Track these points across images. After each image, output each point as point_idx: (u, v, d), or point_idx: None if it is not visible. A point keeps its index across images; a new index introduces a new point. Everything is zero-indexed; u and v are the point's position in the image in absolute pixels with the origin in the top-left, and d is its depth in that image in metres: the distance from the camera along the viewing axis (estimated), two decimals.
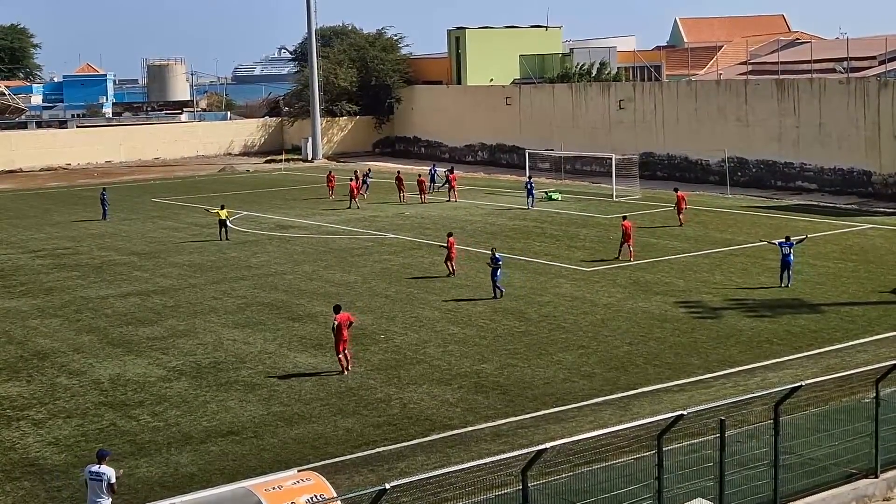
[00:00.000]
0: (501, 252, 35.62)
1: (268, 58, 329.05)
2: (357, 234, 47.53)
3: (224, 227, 46.94)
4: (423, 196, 57.96)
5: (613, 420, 21.63)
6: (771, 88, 60.66)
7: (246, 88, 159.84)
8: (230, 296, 35.45)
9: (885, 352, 26.03)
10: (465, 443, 21.19)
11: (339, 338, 25.89)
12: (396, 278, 37.32)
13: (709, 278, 35.92)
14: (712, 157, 62.92)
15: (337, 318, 26.00)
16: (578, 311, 31.72)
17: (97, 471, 16.64)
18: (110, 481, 16.60)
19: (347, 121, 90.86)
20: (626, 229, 39.61)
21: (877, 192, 54.84)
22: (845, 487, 17.57)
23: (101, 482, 16.58)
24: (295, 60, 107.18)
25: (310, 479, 15.02)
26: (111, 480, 16.61)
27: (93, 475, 16.66)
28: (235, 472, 19.84)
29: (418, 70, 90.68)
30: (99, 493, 16.60)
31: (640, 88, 70.12)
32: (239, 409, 23.72)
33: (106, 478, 16.58)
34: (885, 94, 54.61)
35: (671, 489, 16.16)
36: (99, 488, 16.58)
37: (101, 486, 16.57)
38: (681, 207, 46.59)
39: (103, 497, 16.60)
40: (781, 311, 30.96)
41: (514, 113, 77.94)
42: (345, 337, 25.90)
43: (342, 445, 21.31)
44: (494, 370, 26.06)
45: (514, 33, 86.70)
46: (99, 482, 16.59)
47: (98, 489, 16.59)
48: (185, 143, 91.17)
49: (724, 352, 27.12)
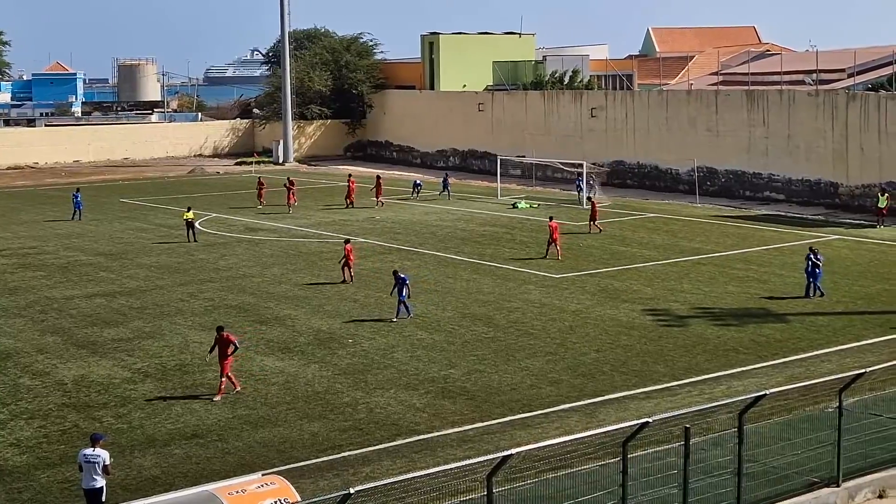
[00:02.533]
0: (472, 257, 35.64)
1: (240, 59, 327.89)
2: (327, 238, 47.41)
3: (192, 229, 46.68)
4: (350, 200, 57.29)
5: (579, 427, 21.65)
6: (741, 99, 61.12)
7: (217, 90, 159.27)
8: (197, 298, 35.25)
9: (849, 362, 26.25)
10: (431, 448, 21.16)
11: (223, 359, 24.48)
12: (365, 283, 37.24)
13: (676, 287, 36.11)
14: (682, 167, 63.30)
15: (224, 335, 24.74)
16: (546, 318, 31.78)
17: (92, 453, 17.50)
18: (105, 463, 17.50)
19: (319, 124, 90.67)
20: (553, 230, 40.88)
21: (843, 204, 55.36)
22: (807, 496, 17.67)
23: (96, 464, 17.45)
24: (267, 63, 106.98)
25: (274, 483, 14.93)
26: (106, 462, 17.52)
27: (88, 458, 17.50)
28: (199, 475, 19.72)
29: (391, 74, 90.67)
30: (94, 475, 17.47)
31: (612, 97, 70.44)
32: (204, 412, 23.57)
33: (101, 460, 17.48)
34: (852, 106, 55.15)
35: (635, 496, 16.21)
36: (93, 470, 17.46)
37: (96, 467, 17.44)
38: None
39: (98, 478, 17.48)
40: (747, 321, 31.17)
41: (486, 119, 78.06)
42: (228, 359, 24.50)
43: (308, 449, 21.22)
44: (462, 375, 26.05)
45: (488, 39, 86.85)
46: (94, 464, 17.45)
47: (92, 471, 17.47)
48: (154, 144, 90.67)
49: (691, 360, 27.26)
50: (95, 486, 17.51)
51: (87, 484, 17.57)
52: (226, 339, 24.78)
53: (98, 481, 17.49)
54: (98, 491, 17.52)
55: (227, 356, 24.60)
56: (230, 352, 24.67)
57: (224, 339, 24.77)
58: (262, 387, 25.41)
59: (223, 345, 24.74)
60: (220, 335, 24.92)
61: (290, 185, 57.11)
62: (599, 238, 46.43)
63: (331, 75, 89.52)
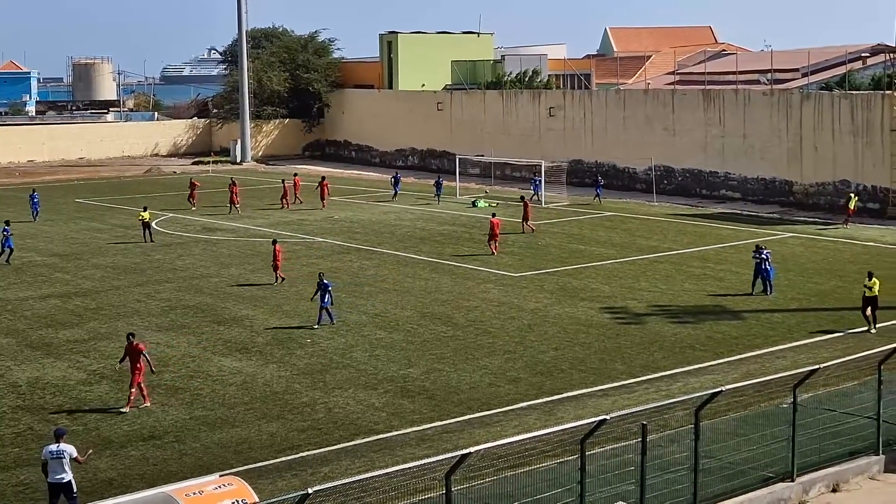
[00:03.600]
0: (431, 257, 35.66)
1: (197, 58, 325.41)
2: (285, 238, 47.18)
3: (148, 229, 46.27)
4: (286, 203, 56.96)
5: (538, 424, 21.74)
6: (697, 99, 61.62)
7: (174, 89, 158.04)
8: (154, 298, 34.96)
9: (803, 358, 26.56)
10: (389, 447, 21.15)
11: (134, 368, 23.54)
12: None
13: (634, 285, 36.35)
14: (639, 166, 63.71)
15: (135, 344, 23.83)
16: (505, 317, 31.87)
17: (57, 449, 17.65)
18: (72, 456, 17.68)
19: (276, 124, 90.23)
20: (494, 226, 41.62)
21: (798, 202, 55.98)
22: (762, 491, 17.86)
23: (62, 459, 17.62)
24: (225, 62, 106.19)
25: (232, 484, 14.85)
26: (73, 455, 17.68)
27: (53, 454, 17.64)
28: (156, 477, 19.57)
29: (350, 74, 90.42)
30: (60, 471, 17.63)
31: (570, 96, 70.74)
32: (161, 413, 23.39)
33: (67, 454, 17.64)
34: (806, 105, 55.80)
35: (593, 493, 16.29)
36: (59, 465, 17.63)
37: (63, 463, 17.63)
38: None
39: (65, 473, 17.66)
40: (704, 318, 31.45)
41: (445, 118, 78.10)
42: (140, 368, 23.58)
43: (266, 450, 21.13)
44: (421, 374, 26.06)
45: (447, 39, 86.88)
46: (60, 460, 17.62)
47: (58, 466, 17.63)
48: (110, 144, 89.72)
49: (648, 357, 27.45)
50: (63, 481, 17.68)
51: (52, 479, 17.74)
52: (136, 347, 23.72)
53: (66, 476, 17.65)
54: (67, 484, 17.72)
55: (139, 366, 23.55)
56: (140, 362, 23.58)
57: (134, 349, 23.72)
58: (220, 387, 25.26)
59: (134, 354, 23.69)
60: (130, 344, 23.84)
61: (233, 185, 56.42)
62: (558, 237, 46.64)
63: (288, 75, 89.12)
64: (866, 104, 53.39)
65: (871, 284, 29.30)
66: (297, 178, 60.62)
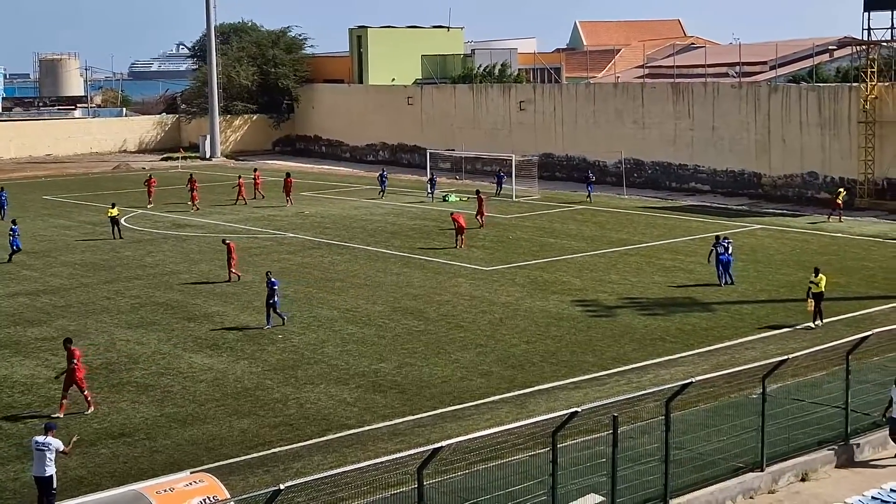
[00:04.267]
0: (403, 251, 35.64)
1: (165, 54, 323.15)
2: (256, 234, 47.04)
3: (116, 226, 45.97)
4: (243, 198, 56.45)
5: (510, 418, 21.79)
6: (666, 92, 61.90)
7: (142, 85, 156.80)
8: (123, 295, 34.74)
9: (773, 349, 26.76)
10: (361, 442, 21.14)
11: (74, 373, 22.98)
12: (295, 278, 37.02)
13: (604, 277, 36.48)
14: (609, 159, 63.93)
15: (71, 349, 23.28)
16: (477, 310, 31.90)
17: (43, 441, 17.92)
18: (58, 449, 17.95)
19: (246, 119, 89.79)
20: (458, 221, 42.09)
21: (766, 194, 56.40)
22: (732, 481, 17.98)
23: (46, 452, 17.83)
24: (193, 57, 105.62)
25: (203, 481, 14.80)
26: (59, 448, 17.96)
27: (38, 445, 17.93)
28: (126, 474, 19.46)
29: (319, 68, 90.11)
30: (44, 462, 17.83)
31: (540, 90, 70.86)
32: (131, 411, 23.26)
33: (52, 447, 17.87)
34: (774, 98, 56.19)
35: (565, 485, 16.34)
36: (41, 458, 17.84)
37: (46, 455, 17.83)
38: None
39: (48, 467, 17.83)
40: (674, 310, 31.62)
41: (415, 113, 78.02)
42: (80, 373, 23.12)
43: (237, 446, 21.06)
44: (392, 369, 26.05)
45: (416, 33, 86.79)
46: (44, 452, 17.84)
47: (42, 458, 17.83)
48: (78, 140, 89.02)
49: (619, 349, 27.57)
50: (45, 475, 17.77)
51: (37, 471, 17.90)
52: (71, 353, 23.24)
53: (48, 469, 17.79)
54: (48, 479, 17.80)
55: (79, 369, 23.08)
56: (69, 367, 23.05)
57: (69, 354, 23.24)
58: (191, 384, 25.14)
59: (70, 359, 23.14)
60: (68, 349, 23.38)
61: (192, 182, 55.92)
62: (529, 230, 46.74)
63: (257, 70, 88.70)
64: (833, 96, 53.84)
65: (818, 280, 29.27)
66: (257, 174, 60.47)
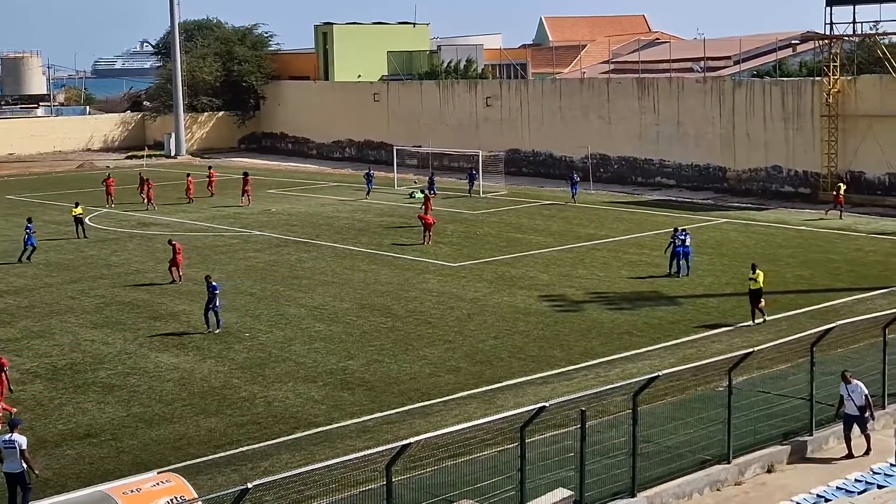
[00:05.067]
0: (370, 248, 35.57)
1: (129, 52, 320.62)
2: (222, 232, 46.79)
3: (81, 225, 45.57)
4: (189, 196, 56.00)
5: (478, 413, 21.81)
6: (632, 87, 62.16)
7: (106, 83, 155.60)
8: (88, 295, 34.44)
9: (738, 342, 26.95)
10: (330, 440, 21.09)
11: None
12: (262, 276, 36.88)
13: (572, 272, 36.60)
14: (576, 154, 64.10)
15: None
16: (445, 307, 31.90)
17: (9, 439, 17.85)
18: (21, 448, 17.77)
19: (210, 116, 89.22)
20: (425, 219, 42.26)
21: (731, 188, 56.80)
22: (699, 473, 18.10)
23: (14, 449, 17.77)
24: (157, 54, 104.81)
25: (170, 481, 14.70)
26: (22, 447, 17.77)
27: (6, 443, 17.87)
28: (92, 475, 19.31)
29: (285, 65, 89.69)
30: (12, 460, 17.81)
31: (507, 86, 70.93)
32: (97, 411, 23.07)
33: (18, 444, 17.75)
34: (738, 93, 56.58)
35: (533, 480, 16.38)
36: (12, 455, 17.82)
37: (15, 453, 17.78)
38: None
39: (16, 462, 17.79)
40: (641, 304, 31.77)
41: (381, 109, 77.88)
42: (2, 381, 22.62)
43: (204, 446, 20.94)
44: (360, 366, 26.00)
45: (382, 30, 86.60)
46: (12, 449, 17.80)
47: (12, 455, 17.82)
48: (41, 139, 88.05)
49: (586, 344, 27.67)
50: (16, 471, 17.81)
51: (7, 468, 17.94)
52: None
53: (16, 466, 17.79)
54: (19, 474, 17.80)
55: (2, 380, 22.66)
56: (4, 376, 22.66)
57: None
58: (157, 384, 24.97)
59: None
60: None
61: (143, 181, 55.40)
62: (496, 226, 46.80)
63: (222, 67, 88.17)
64: (797, 91, 54.29)
65: (756, 276, 29.32)
66: (211, 171, 60.20)
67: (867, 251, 39.70)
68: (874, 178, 51.02)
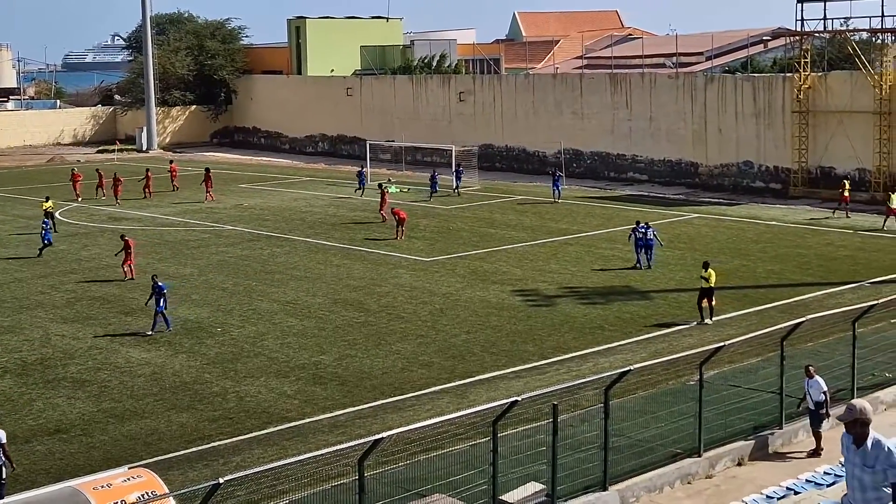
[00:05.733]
0: (343, 243, 35.48)
1: (100, 45, 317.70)
2: (194, 226, 46.56)
3: (51, 219, 45.14)
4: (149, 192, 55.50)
5: (451, 408, 21.83)
6: (605, 83, 62.33)
7: (77, 76, 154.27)
8: (59, 290, 34.20)
9: (709, 336, 27.10)
10: (302, 434, 21.04)
11: None
12: (234, 271, 36.74)
13: (544, 267, 36.68)
14: (549, 149, 64.24)
15: None
16: (417, 301, 31.90)
17: None
18: (1, 441, 17.67)
19: (182, 110, 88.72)
20: (398, 214, 42.23)
21: (703, 183, 57.09)
22: (671, 467, 18.17)
23: None
24: (129, 48, 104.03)
25: (141, 476, 14.62)
26: (2, 441, 17.69)
27: None
28: (63, 471, 19.16)
29: (258, 60, 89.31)
30: None
31: (480, 81, 70.96)
32: (67, 407, 22.92)
33: None
34: (710, 88, 56.86)
35: (505, 474, 16.40)
36: None
37: None
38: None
39: None
40: (613, 298, 31.89)
41: (355, 104, 77.73)
42: None
43: (176, 441, 20.85)
44: (333, 361, 25.96)
45: (355, 24, 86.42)
46: None
47: None
48: (11, 133, 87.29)
49: (559, 338, 27.74)
50: None
51: None
52: None
53: None
54: None
55: None
56: None
57: None
58: (128, 379, 24.83)
59: None
60: None
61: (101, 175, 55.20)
62: (469, 221, 46.83)
63: (194, 61, 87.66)
64: (768, 87, 54.63)
65: (708, 276, 29.03)
66: (173, 166, 59.86)
67: (837, 246, 40.03)
68: (844, 174, 51.39)
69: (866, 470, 9.63)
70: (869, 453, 9.62)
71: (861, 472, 9.68)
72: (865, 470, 9.63)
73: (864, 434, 9.64)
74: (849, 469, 9.90)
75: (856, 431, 9.66)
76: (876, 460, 9.57)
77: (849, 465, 9.89)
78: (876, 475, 9.58)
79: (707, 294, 29.15)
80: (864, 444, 9.64)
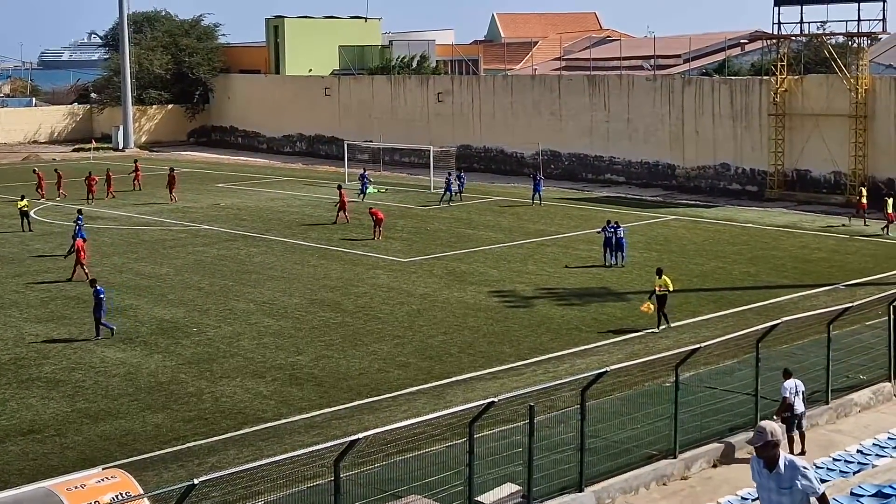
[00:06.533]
0: (320, 243, 35.40)
1: (76, 43, 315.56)
2: (170, 226, 46.33)
3: (26, 218, 44.88)
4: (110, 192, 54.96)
5: (427, 409, 21.79)
6: (583, 84, 62.47)
7: (53, 74, 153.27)
8: (33, 289, 33.95)
9: (686, 337, 27.20)
10: (278, 435, 20.96)
11: None
12: (210, 270, 36.57)
13: (522, 268, 36.71)
14: (527, 150, 64.34)
15: None
16: (394, 302, 31.85)
17: None
18: None
19: (159, 109, 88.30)
20: (375, 215, 42.12)
21: (680, 185, 57.33)
22: (646, 468, 18.21)
23: None
24: (105, 46, 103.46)
25: (115, 477, 14.52)
26: None
27: None
28: (36, 472, 19.01)
29: (236, 59, 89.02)
30: None
31: (458, 82, 70.99)
32: (41, 407, 22.75)
33: None
34: (688, 91, 57.10)
35: (482, 475, 16.39)
36: None
37: None
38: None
39: None
40: (590, 300, 31.95)
41: (333, 104, 77.58)
42: None
43: (150, 441, 20.73)
44: (309, 362, 25.88)
45: (334, 24, 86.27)
46: None
47: None
48: None
49: (536, 339, 27.76)
50: None
51: None
52: None
53: None
54: None
55: None
56: None
57: None
58: (103, 379, 24.67)
59: None
60: None
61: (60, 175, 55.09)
62: (446, 221, 46.81)
63: (171, 59, 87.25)
64: (745, 89, 54.91)
65: (662, 282, 28.80)
66: (137, 165, 59.63)
67: (812, 248, 40.26)
68: (820, 177, 51.73)
69: (783, 492, 9.36)
70: (783, 475, 9.35)
71: (778, 495, 9.39)
72: (783, 492, 9.36)
73: (775, 456, 9.34)
74: (764, 495, 9.58)
75: (767, 454, 9.35)
76: (792, 481, 9.31)
77: (763, 492, 9.57)
78: (794, 495, 9.33)
79: (661, 301, 28.86)
80: (777, 467, 9.36)
